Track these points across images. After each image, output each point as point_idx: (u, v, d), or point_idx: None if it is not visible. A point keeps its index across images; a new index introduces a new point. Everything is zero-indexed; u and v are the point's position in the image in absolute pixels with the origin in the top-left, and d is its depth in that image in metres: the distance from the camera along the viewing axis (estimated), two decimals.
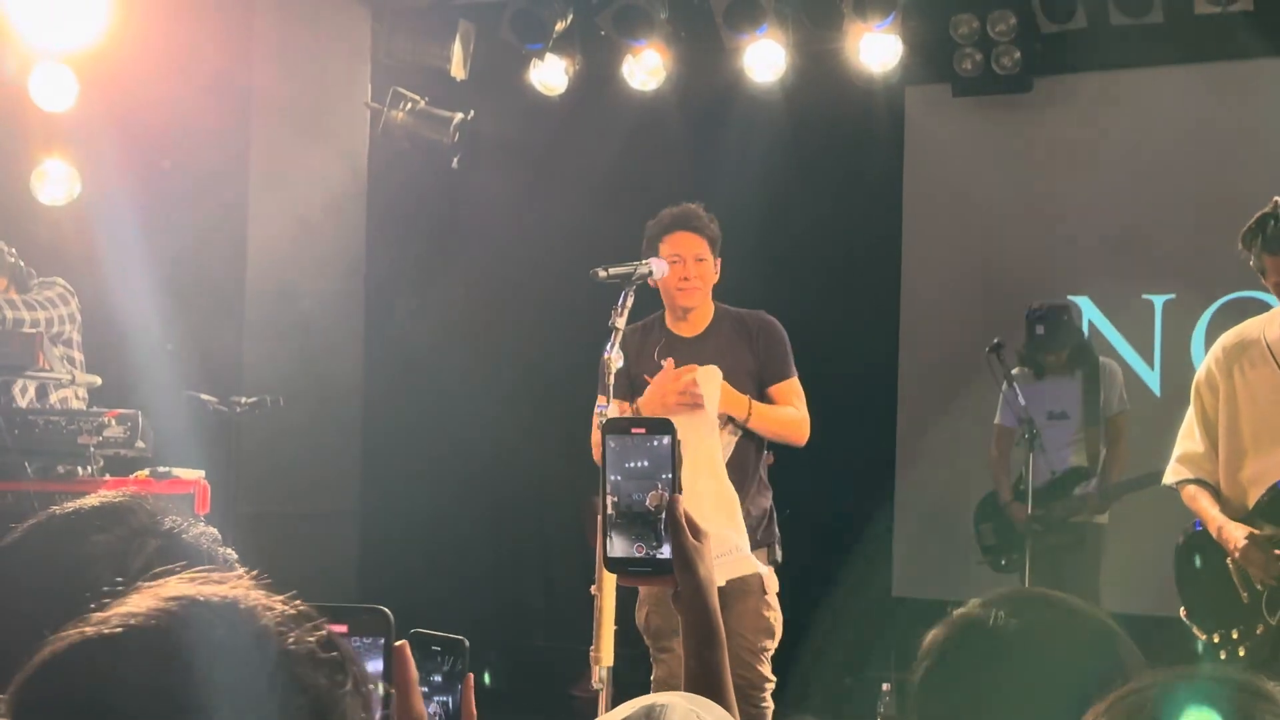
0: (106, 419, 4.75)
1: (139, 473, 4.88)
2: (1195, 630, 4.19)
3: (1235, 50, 7.22)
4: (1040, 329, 6.65)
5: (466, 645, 1.58)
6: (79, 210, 6.45)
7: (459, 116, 6.77)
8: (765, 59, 7.24)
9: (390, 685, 1.27)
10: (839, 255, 7.88)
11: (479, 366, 7.89)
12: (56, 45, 6.00)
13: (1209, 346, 4.36)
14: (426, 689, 1.57)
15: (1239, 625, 4.07)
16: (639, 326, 4.82)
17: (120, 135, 6.28)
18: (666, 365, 4.51)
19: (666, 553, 1.88)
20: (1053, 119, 7.69)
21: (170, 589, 0.98)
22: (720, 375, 4.49)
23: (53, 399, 5.24)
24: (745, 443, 4.67)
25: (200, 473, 5.05)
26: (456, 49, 7.27)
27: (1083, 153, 7.64)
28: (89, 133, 6.28)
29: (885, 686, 6.13)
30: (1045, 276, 7.36)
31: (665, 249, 4.71)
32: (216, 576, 1.01)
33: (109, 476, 4.77)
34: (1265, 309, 4.32)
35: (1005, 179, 7.80)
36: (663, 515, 1.88)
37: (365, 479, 7.49)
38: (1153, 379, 7.47)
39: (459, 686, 1.56)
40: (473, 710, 1.56)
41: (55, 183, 6.47)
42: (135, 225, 6.18)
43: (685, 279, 4.72)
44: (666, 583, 1.90)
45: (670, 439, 1.90)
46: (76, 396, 5.31)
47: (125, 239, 6.18)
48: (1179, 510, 4.33)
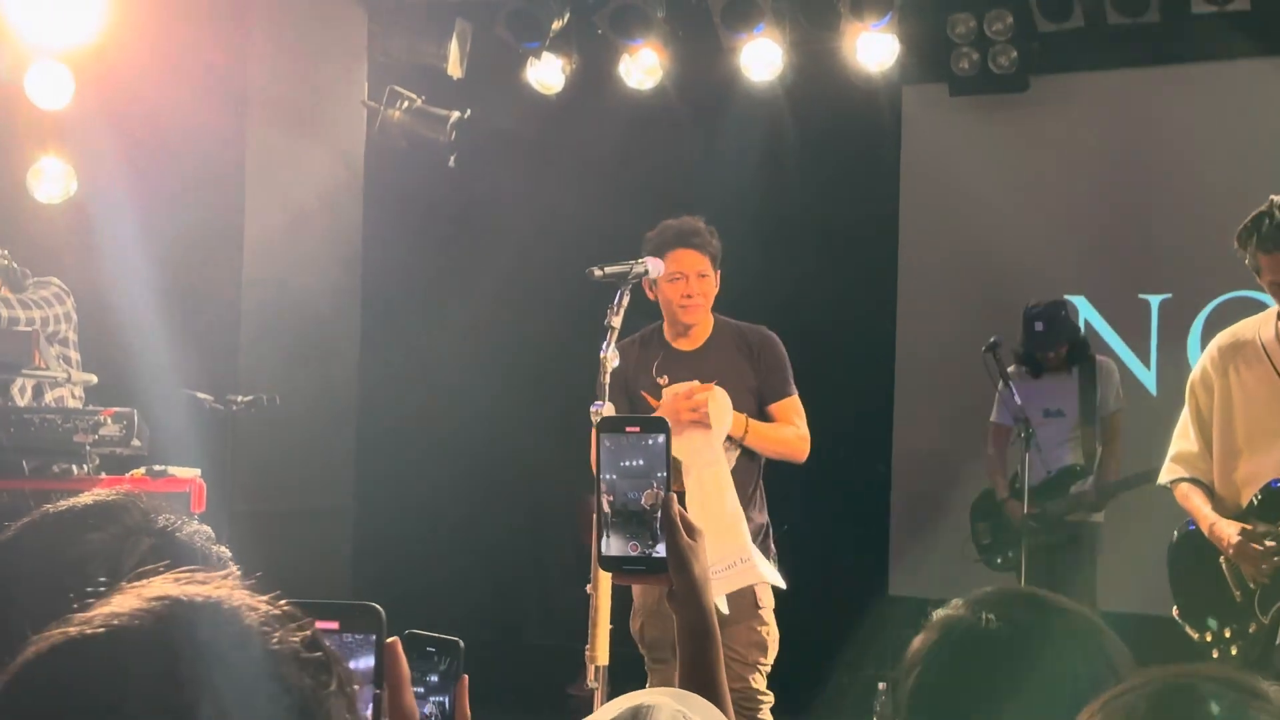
0: (102, 417, 4.75)
1: (135, 471, 4.87)
2: (1188, 629, 4.19)
3: (1232, 50, 7.22)
4: (1039, 325, 6.65)
5: (462, 646, 1.58)
6: (75, 208, 6.45)
7: (456, 115, 6.77)
8: (762, 58, 7.24)
9: (382, 682, 1.27)
10: (835, 254, 7.88)
11: (475, 365, 7.89)
12: (53, 43, 5.99)
13: (1205, 346, 4.36)
14: (422, 689, 1.57)
15: (1232, 624, 4.07)
16: (637, 339, 4.77)
17: (116, 133, 6.27)
18: (688, 384, 4.47)
19: (661, 551, 1.88)
20: (1049, 118, 7.69)
21: (155, 589, 0.98)
22: (730, 402, 4.44)
23: (48, 398, 5.23)
24: (743, 459, 4.61)
25: (196, 471, 5.05)
26: (453, 47, 7.27)
27: (1079, 152, 7.65)
28: (85, 131, 6.27)
29: (881, 685, 6.12)
30: (1042, 275, 7.36)
31: (667, 266, 4.59)
32: (201, 577, 1.01)
33: (104, 475, 4.76)
34: (1262, 309, 4.32)
35: (1002, 178, 7.81)
36: (658, 514, 1.88)
37: (361, 477, 7.48)
38: (1149, 378, 7.47)
39: (454, 687, 1.56)
40: (466, 712, 1.56)
41: (51, 181, 6.47)
42: (131, 223, 6.17)
43: (688, 296, 4.62)
44: (661, 581, 1.90)
45: (665, 437, 1.89)
46: (72, 395, 5.30)
47: (121, 237, 6.17)
48: (1175, 509, 4.33)
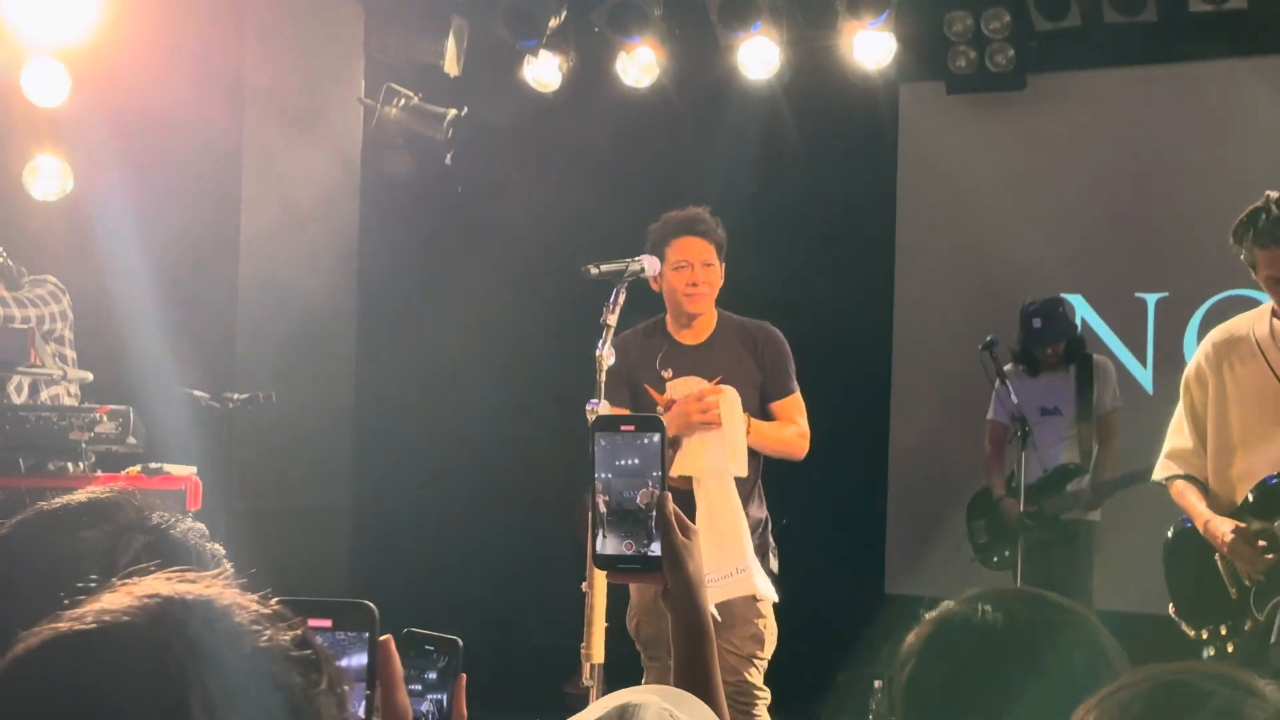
0: (98, 415, 4.75)
1: (130, 469, 4.87)
2: (1184, 627, 4.19)
3: (1229, 48, 7.23)
4: (1037, 321, 6.65)
5: (460, 645, 1.58)
6: (71, 206, 6.44)
7: (452, 113, 6.77)
8: (759, 56, 7.23)
9: (375, 680, 1.27)
10: (832, 252, 7.89)
11: (471, 363, 7.89)
12: (49, 40, 5.98)
13: (1203, 341, 4.35)
14: (419, 686, 1.57)
15: (1227, 621, 4.07)
16: (640, 330, 4.72)
17: (113, 131, 6.26)
18: (694, 384, 4.45)
19: (656, 550, 1.88)
20: (1046, 117, 7.69)
21: (146, 587, 0.98)
22: (740, 402, 4.41)
23: (44, 395, 5.23)
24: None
25: (192, 469, 5.05)
26: (450, 45, 7.26)
27: (1076, 151, 7.65)
28: (81, 128, 6.27)
29: (877, 683, 6.12)
30: (1038, 274, 7.36)
31: (672, 254, 4.56)
32: (192, 575, 1.02)
33: (100, 472, 4.76)
34: (1258, 308, 4.31)
35: (999, 177, 7.81)
36: (653, 513, 1.88)
37: (357, 475, 7.48)
38: (1145, 377, 7.48)
39: (452, 685, 1.56)
40: (463, 711, 1.57)
41: (48, 178, 6.46)
42: (127, 221, 6.17)
43: (693, 285, 4.57)
44: (655, 580, 1.90)
45: (660, 436, 1.90)
46: (68, 393, 5.30)
47: (117, 235, 6.17)
48: (1171, 507, 4.33)
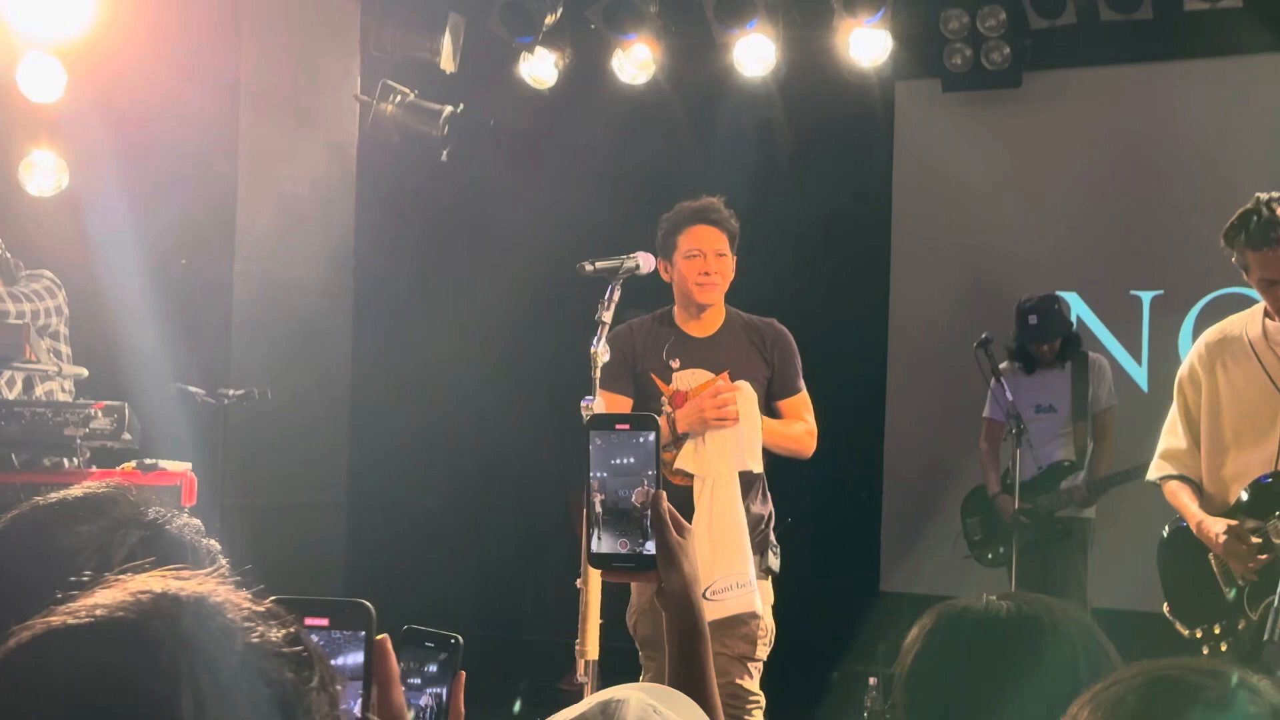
0: (93, 411, 4.74)
1: (126, 465, 4.87)
2: (1178, 625, 4.19)
3: (1224, 46, 7.23)
4: (1033, 318, 6.65)
5: (461, 643, 1.58)
6: (67, 202, 6.43)
7: (448, 109, 6.76)
8: (755, 53, 7.23)
9: (371, 679, 1.28)
10: (828, 250, 7.89)
11: (467, 360, 7.89)
12: (45, 36, 5.97)
13: (1196, 341, 4.36)
14: (419, 680, 1.58)
15: (1221, 620, 4.07)
16: (646, 320, 4.66)
17: (108, 127, 6.26)
18: (720, 380, 4.42)
19: (651, 549, 1.88)
20: (1042, 114, 7.69)
21: (139, 582, 0.99)
22: (755, 398, 4.36)
23: (38, 390, 5.23)
24: None
25: (187, 465, 5.05)
26: (446, 41, 7.25)
27: (1072, 148, 7.65)
28: (77, 124, 6.26)
29: (872, 680, 6.14)
30: (1034, 272, 7.37)
31: (684, 243, 4.51)
32: (187, 573, 1.02)
33: (95, 468, 4.75)
34: (1252, 306, 4.32)
35: (994, 174, 7.81)
36: (648, 511, 1.88)
37: (353, 471, 7.47)
38: (1140, 375, 7.48)
39: (452, 680, 1.57)
40: (461, 709, 1.57)
41: (43, 174, 6.46)
42: (123, 217, 6.17)
43: (705, 274, 4.50)
44: (650, 578, 1.90)
45: (655, 435, 1.90)
46: (62, 389, 5.30)
47: (113, 231, 6.17)
48: (1166, 505, 4.33)
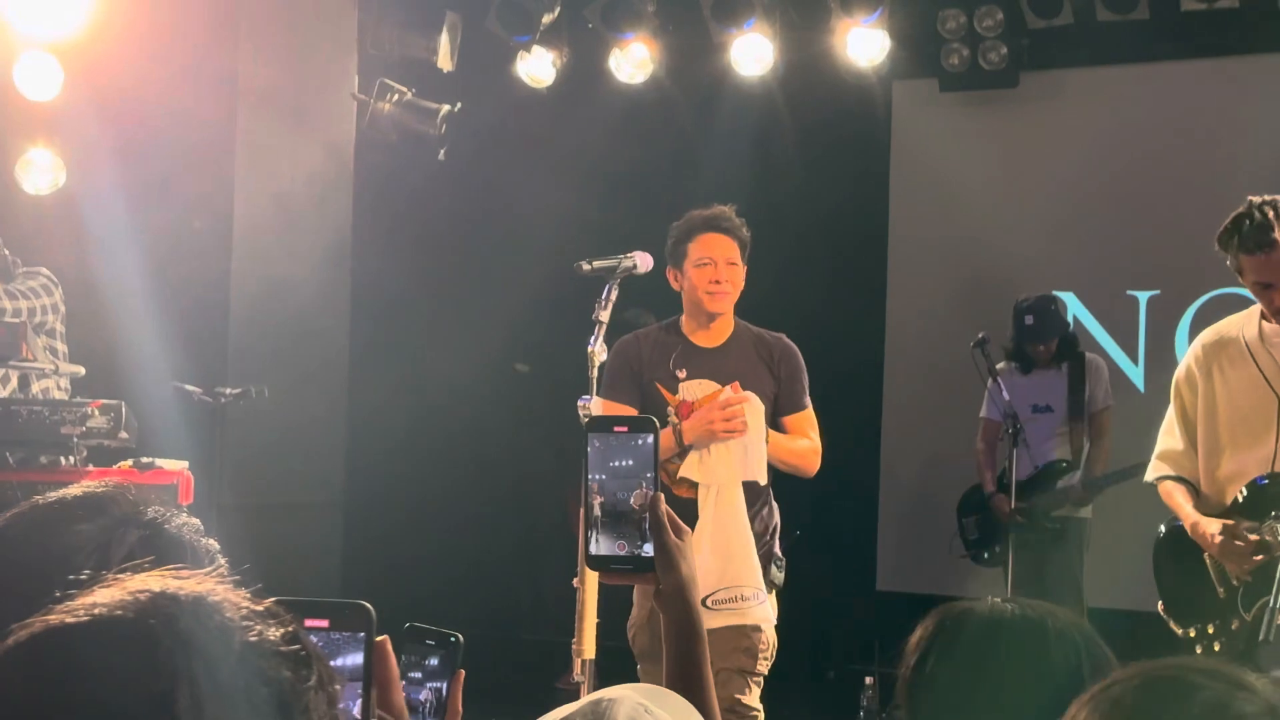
0: (90, 409, 4.74)
1: (122, 463, 4.87)
2: (1173, 625, 4.19)
3: (1221, 46, 7.24)
4: (1030, 318, 6.66)
5: (461, 641, 1.59)
6: (64, 200, 6.43)
7: (446, 108, 6.76)
8: (753, 53, 7.23)
9: (371, 681, 1.28)
10: (825, 249, 7.89)
11: (464, 359, 7.88)
12: (41, 34, 5.97)
13: (1193, 343, 4.36)
14: (420, 674, 1.58)
15: (1215, 620, 4.07)
16: (654, 328, 4.63)
17: (105, 125, 6.26)
18: (707, 387, 4.39)
19: (649, 551, 1.88)
20: (1039, 114, 7.70)
21: (138, 581, 0.99)
22: (763, 409, 4.31)
23: (34, 388, 5.22)
24: None
25: (184, 463, 5.05)
26: (443, 40, 7.25)
27: (1069, 148, 7.65)
28: (74, 122, 6.26)
29: (868, 680, 6.14)
30: (1031, 271, 7.37)
31: (695, 251, 4.46)
32: (186, 572, 1.02)
33: (92, 467, 4.76)
34: (1249, 305, 4.32)
35: (991, 174, 7.81)
36: (646, 514, 1.88)
37: (350, 470, 7.48)
38: (1137, 375, 7.49)
39: (451, 677, 1.57)
40: (458, 707, 1.57)
41: (40, 172, 6.45)
42: (120, 215, 6.17)
43: (716, 282, 4.43)
44: (648, 580, 1.90)
45: (653, 437, 1.90)
46: (59, 387, 5.30)
47: (110, 229, 6.17)
48: (1161, 505, 4.32)
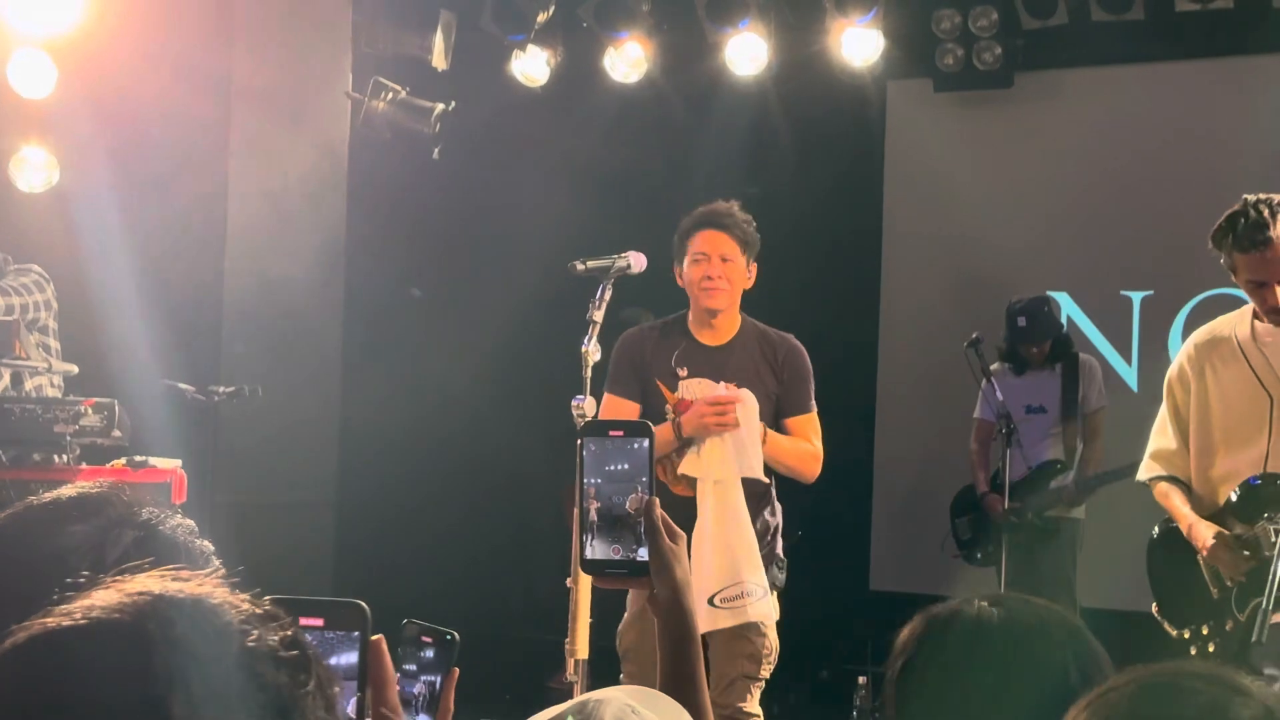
0: (83, 407, 4.74)
1: (115, 462, 4.86)
2: (1167, 626, 4.19)
3: (1215, 47, 7.25)
4: (1022, 320, 6.66)
5: (457, 639, 1.59)
6: (57, 198, 6.42)
7: (440, 107, 6.76)
8: (747, 53, 7.23)
9: (366, 681, 1.27)
10: (819, 249, 7.88)
11: (458, 358, 7.88)
12: (35, 31, 5.96)
13: (1185, 342, 4.36)
14: (414, 666, 1.58)
15: (1209, 621, 4.07)
16: (658, 325, 4.61)
17: (99, 123, 6.25)
18: (707, 386, 4.35)
19: (644, 555, 1.88)
20: (1034, 115, 7.70)
21: (137, 584, 0.98)
22: (757, 407, 4.29)
23: (27, 386, 5.21)
24: None
25: (177, 462, 5.04)
26: (438, 39, 7.25)
27: (1063, 149, 7.66)
28: (68, 120, 6.25)
29: (861, 679, 6.14)
30: (1024, 272, 7.38)
31: (692, 247, 4.47)
32: (185, 574, 1.02)
33: (85, 465, 4.75)
34: (1242, 306, 4.32)
35: (986, 174, 7.82)
36: (642, 518, 1.88)
37: (343, 469, 7.47)
38: (1130, 375, 7.50)
39: (445, 673, 1.57)
40: (450, 705, 1.57)
41: (34, 170, 6.44)
42: (113, 213, 6.16)
43: (708, 278, 4.43)
44: (642, 584, 1.90)
45: (649, 442, 1.90)
46: (52, 384, 5.29)
47: (103, 227, 6.16)
48: (1155, 505, 4.33)
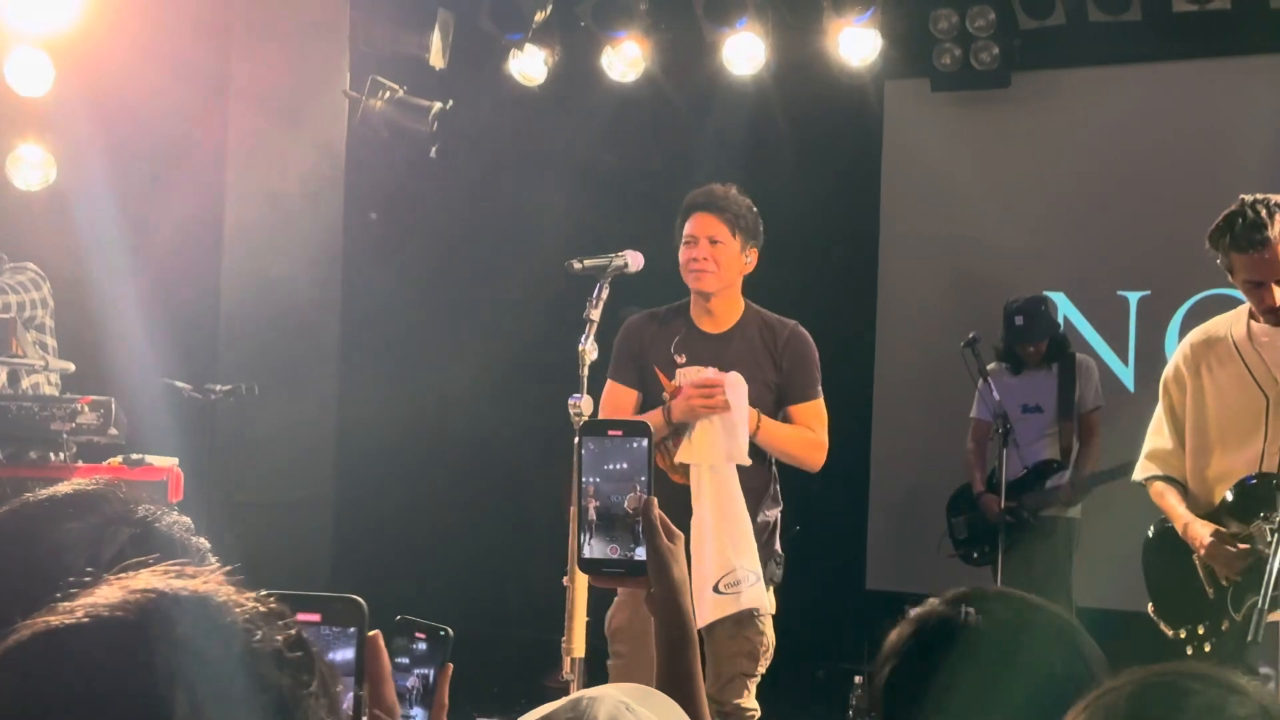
0: (79, 405, 4.73)
1: (112, 460, 4.86)
2: (1163, 625, 4.20)
3: (1213, 47, 7.25)
4: (1019, 319, 6.66)
5: (451, 635, 1.59)
6: (54, 196, 6.42)
7: (438, 106, 6.76)
8: (745, 52, 7.23)
9: (363, 677, 1.28)
10: (817, 249, 7.89)
11: (455, 356, 7.88)
12: (33, 30, 5.96)
13: (1181, 341, 4.36)
14: (407, 659, 1.58)
15: (1205, 621, 4.08)
16: (659, 312, 4.54)
17: (96, 121, 6.25)
18: (702, 373, 4.30)
19: (641, 554, 1.88)
20: (1031, 115, 7.70)
21: (139, 581, 0.98)
22: (745, 389, 4.20)
23: (24, 384, 5.21)
24: (754, 454, 4.28)
25: (174, 460, 5.04)
26: (436, 38, 7.25)
27: (1060, 149, 7.66)
28: (65, 118, 6.25)
29: (857, 679, 6.15)
30: (1021, 272, 7.38)
31: (685, 230, 4.40)
32: (190, 571, 1.01)
33: (81, 463, 4.75)
34: (1238, 306, 4.32)
35: (983, 174, 7.82)
36: (640, 517, 1.88)
37: (340, 467, 7.47)
38: (1127, 375, 7.50)
39: (439, 667, 1.57)
40: (444, 700, 1.57)
41: (31, 168, 6.45)
42: (111, 211, 6.16)
43: (694, 259, 4.34)
44: (639, 584, 1.90)
45: (647, 441, 1.90)
46: (49, 382, 5.29)
47: (101, 225, 6.16)
48: (1151, 505, 4.33)
